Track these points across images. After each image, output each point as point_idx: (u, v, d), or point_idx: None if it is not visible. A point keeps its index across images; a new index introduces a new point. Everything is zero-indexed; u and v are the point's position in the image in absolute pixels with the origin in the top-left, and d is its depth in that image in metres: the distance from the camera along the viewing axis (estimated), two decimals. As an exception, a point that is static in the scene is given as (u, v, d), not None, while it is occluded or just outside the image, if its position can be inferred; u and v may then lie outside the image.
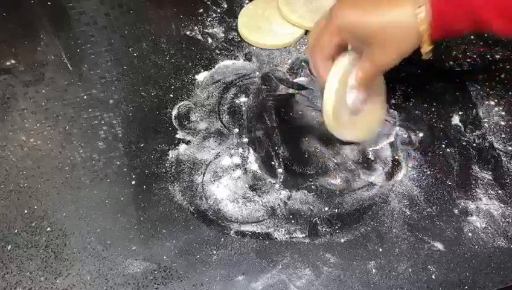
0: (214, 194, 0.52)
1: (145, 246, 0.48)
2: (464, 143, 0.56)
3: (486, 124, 0.57)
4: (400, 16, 0.45)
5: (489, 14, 0.43)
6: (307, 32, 0.65)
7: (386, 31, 0.46)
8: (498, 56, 0.63)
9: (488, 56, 0.63)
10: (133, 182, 0.52)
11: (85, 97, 0.59)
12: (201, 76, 0.61)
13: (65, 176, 0.53)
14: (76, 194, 0.51)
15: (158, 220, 0.50)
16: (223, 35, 0.65)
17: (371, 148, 0.55)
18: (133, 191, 0.52)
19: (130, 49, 0.63)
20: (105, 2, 0.68)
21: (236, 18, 0.66)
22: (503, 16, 0.43)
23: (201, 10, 0.67)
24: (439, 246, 0.49)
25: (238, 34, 0.65)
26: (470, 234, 0.50)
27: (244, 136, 0.56)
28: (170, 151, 0.54)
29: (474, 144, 0.56)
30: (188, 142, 0.55)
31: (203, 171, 0.53)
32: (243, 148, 0.55)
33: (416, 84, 0.61)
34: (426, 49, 0.47)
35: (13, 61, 0.61)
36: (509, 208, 0.51)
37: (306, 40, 0.65)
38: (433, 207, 0.52)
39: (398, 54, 0.47)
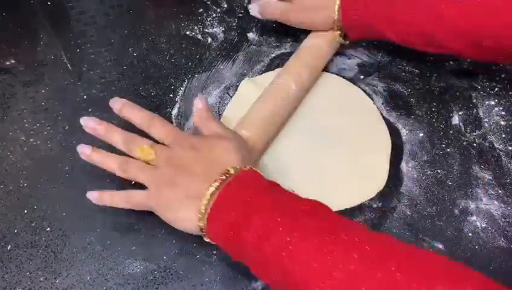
0: (214, 194, 0.52)
1: (145, 246, 0.48)
2: (464, 143, 0.56)
3: (486, 124, 0.57)
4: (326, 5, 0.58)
5: (382, 27, 0.54)
6: None
7: (313, 6, 0.58)
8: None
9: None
10: (133, 182, 0.52)
11: (85, 97, 0.59)
12: (202, 76, 0.61)
13: (65, 176, 0.52)
14: (76, 194, 0.51)
15: (158, 220, 0.49)
16: (223, 35, 0.65)
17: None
18: (133, 191, 0.52)
19: (129, 49, 0.63)
20: (105, 1, 0.68)
21: (237, 18, 0.66)
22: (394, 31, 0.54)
23: (201, 10, 0.67)
24: (439, 246, 0.49)
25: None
26: (470, 234, 0.50)
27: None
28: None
29: (475, 144, 0.56)
30: (188, 142, 0.55)
31: (203, 171, 0.53)
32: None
33: (416, 84, 0.61)
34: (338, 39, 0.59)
35: (13, 61, 0.61)
36: (509, 208, 0.51)
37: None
38: (433, 207, 0.52)
39: (313, 25, 0.60)
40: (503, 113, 0.58)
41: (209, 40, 0.65)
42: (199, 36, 0.65)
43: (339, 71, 0.62)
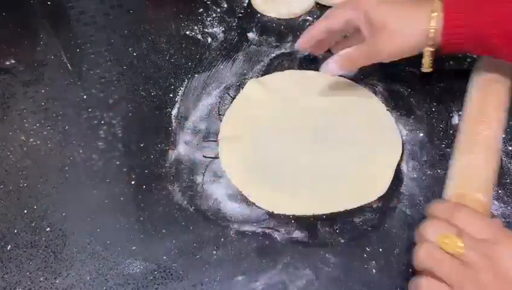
0: (214, 194, 0.52)
1: (145, 246, 0.48)
2: (464, 143, 0.56)
3: (486, 124, 0.57)
4: (417, 16, 0.50)
5: (498, 40, 0.47)
6: (318, 5, 0.68)
7: (399, 22, 0.50)
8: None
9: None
10: (133, 182, 0.52)
11: (85, 97, 0.59)
12: (202, 76, 0.61)
13: (65, 176, 0.53)
14: (76, 194, 0.51)
15: (158, 220, 0.50)
16: (223, 35, 0.65)
17: None
18: (133, 191, 0.52)
19: (129, 49, 0.63)
20: (105, 1, 0.68)
21: (237, 18, 0.66)
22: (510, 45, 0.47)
23: (201, 10, 0.67)
24: (439, 246, 0.49)
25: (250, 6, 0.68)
26: (470, 234, 0.50)
27: (244, 136, 0.56)
28: (170, 151, 0.54)
29: (474, 144, 0.56)
30: (188, 142, 0.55)
31: (203, 171, 0.53)
32: (243, 148, 0.55)
33: (416, 84, 0.61)
34: (427, 61, 0.52)
35: (13, 61, 0.61)
36: (509, 208, 0.51)
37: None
38: (433, 207, 0.51)
39: (401, 49, 0.52)
40: (503, 113, 0.58)
41: (209, 40, 0.65)
42: (199, 36, 0.65)
43: (339, 71, 0.62)
